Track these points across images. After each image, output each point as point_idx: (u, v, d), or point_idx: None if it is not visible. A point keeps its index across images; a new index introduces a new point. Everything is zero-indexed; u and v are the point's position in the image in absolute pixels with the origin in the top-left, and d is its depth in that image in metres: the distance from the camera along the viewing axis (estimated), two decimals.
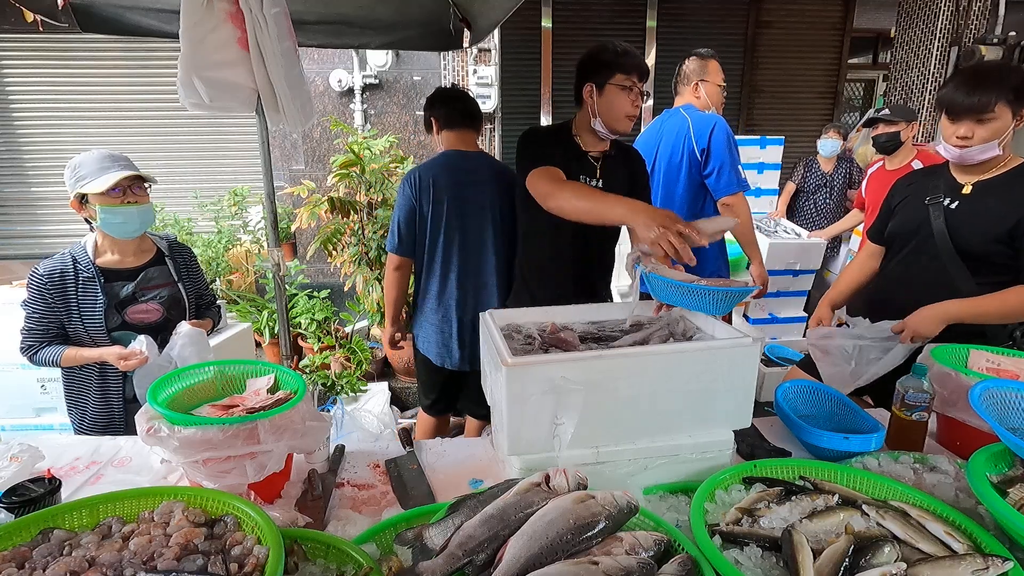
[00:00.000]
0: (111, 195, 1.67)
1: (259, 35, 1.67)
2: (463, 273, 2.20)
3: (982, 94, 1.52)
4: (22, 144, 4.51)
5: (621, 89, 1.73)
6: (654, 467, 1.20)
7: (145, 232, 1.84)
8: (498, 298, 2.21)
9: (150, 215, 1.77)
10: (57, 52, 4.35)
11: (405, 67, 4.41)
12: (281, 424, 1.15)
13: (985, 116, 1.54)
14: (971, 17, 4.09)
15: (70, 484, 1.30)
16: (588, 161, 1.84)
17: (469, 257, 2.19)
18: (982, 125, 1.55)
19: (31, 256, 4.49)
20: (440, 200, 2.13)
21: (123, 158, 1.74)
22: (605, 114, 1.76)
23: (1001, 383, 1.21)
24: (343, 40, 2.72)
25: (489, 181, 2.16)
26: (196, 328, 1.70)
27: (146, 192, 1.76)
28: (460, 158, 2.19)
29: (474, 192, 2.15)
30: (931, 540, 0.92)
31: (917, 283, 1.73)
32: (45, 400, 2.79)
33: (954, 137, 1.60)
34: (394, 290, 2.31)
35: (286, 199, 4.39)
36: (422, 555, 0.87)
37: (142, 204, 1.73)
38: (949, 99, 1.59)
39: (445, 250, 2.18)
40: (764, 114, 5.25)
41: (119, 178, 1.65)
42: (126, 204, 1.70)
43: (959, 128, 1.58)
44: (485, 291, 2.22)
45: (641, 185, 1.95)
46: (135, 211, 1.71)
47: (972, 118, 1.55)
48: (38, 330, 1.71)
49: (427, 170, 2.15)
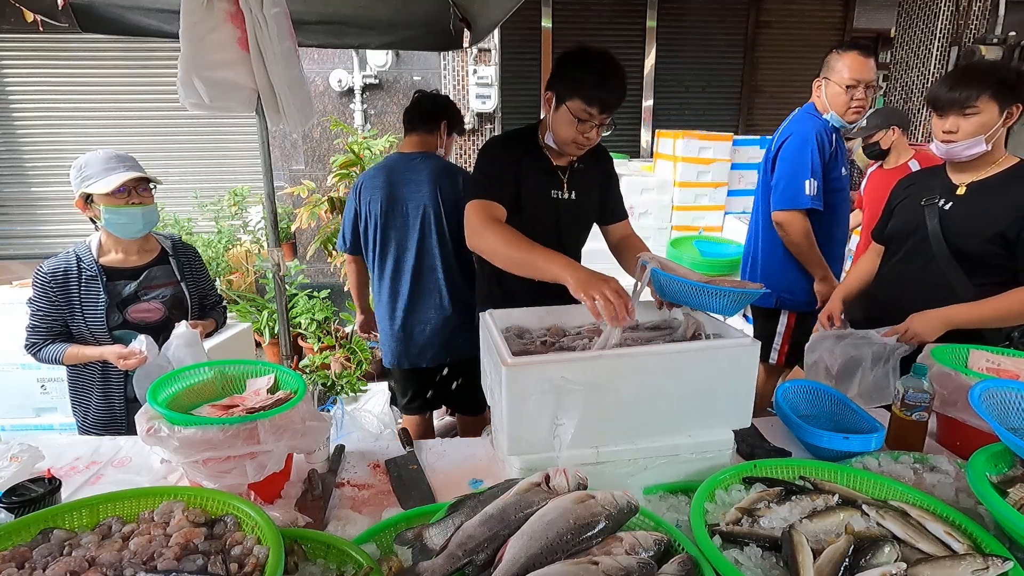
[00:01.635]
0: (116, 196, 1.67)
1: (259, 35, 1.67)
2: (402, 272, 2.25)
3: (964, 88, 1.56)
4: (22, 144, 4.51)
5: (573, 117, 1.53)
6: (654, 467, 1.20)
7: (150, 231, 1.84)
8: (447, 297, 2.23)
9: (154, 216, 1.78)
10: (57, 52, 4.35)
11: (405, 67, 4.41)
12: (281, 424, 1.15)
13: (968, 110, 1.56)
14: (971, 17, 4.09)
15: (70, 484, 1.30)
16: (554, 171, 1.71)
17: (406, 256, 2.24)
18: (966, 119, 1.57)
19: (31, 256, 4.49)
20: (375, 201, 2.21)
21: (129, 158, 1.75)
22: (555, 131, 1.60)
23: (1001, 383, 1.21)
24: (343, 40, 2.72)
25: (427, 181, 2.19)
26: (192, 330, 1.68)
27: (151, 193, 1.77)
28: (400, 160, 2.26)
29: (410, 192, 2.20)
30: (931, 540, 0.92)
31: (914, 284, 1.73)
32: (45, 400, 2.79)
33: (940, 131, 1.62)
34: (353, 280, 2.55)
35: (286, 199, 4.39)
36: (422, 555, 0.87)
37: (147, 205, 1.74)
38: (934, 95, 1.63)
39: (382, 250, 2.27)
40: (764, 114, 5.25)
41: (125, 179, 1.66)
42: (131, 205, 1.70)
43: (945, 123, 1.61)
44: (428, 290, 2.25)
45: (611, 188, 1.85)
46: (139, 212, 1.71)
47: (956, 112, 1.58)
48: (42, 328, 1.72)
49: (367, 174, 2.28)
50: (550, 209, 1.73)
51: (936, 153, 1.68)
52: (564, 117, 1.55)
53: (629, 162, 4.36)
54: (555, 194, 1.72)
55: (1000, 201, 1.59)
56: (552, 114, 1.59)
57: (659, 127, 4.46)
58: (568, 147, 1.61)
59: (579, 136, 1.56)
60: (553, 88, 1.57)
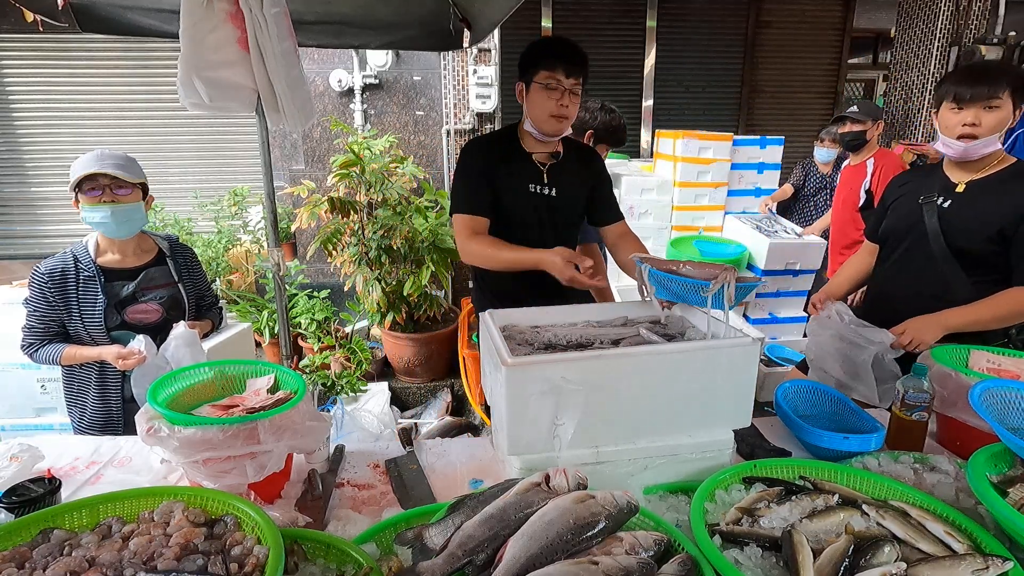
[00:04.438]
0: (91, 194, 1.66)
1: (259, 35, 1.67)
2: None
3: (990, 81, 1.53)
4: (22, 144, 4.50)
5: (543, 88, 1.63)
6: (654, 467, 1.20)
7: (146, 232, 1.84)
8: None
9: (135, 215, 1.73)
10: (57, 52, 4.34)
11: (405, 67, 4.41)
12: (281, 424, 1.16)
13: (993, 102, 1.54)
14: (971, 17, 4.09)
15: (70, 484, 1.30)
16: (534, 166, 1.75)
17: None
18: (989, 112, 1.55)
19: (31, 256, 4.48)
20: None
21: (113, 157, 1.71)
22: (532, 114, 1.69)
23: (1001, 383, 1.22)
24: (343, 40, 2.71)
25: None
26: (190, 330, 1.67)
27: (135, 193, 1.72)
28: None
29: None
30: (931, 540, 0.92)
31: (912, 282, 1.73)
32: (45, 400, 2.79)
33: (959, 126, 1.58)
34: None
35: (286, 199, 4.38)
36: (422, 555, 0.87)
37: (121, 204, 1.69)
38: (954, 88, 1.57)
39: None
40: (764, 114, 5.24)
41: (85, 174, 1.63)
42: (102, 203, 1.67)
43: (966, 115, 1.56)
44: None
45: (602, 189, 1.86)
46: (110, 210, 1.67)
47: (981, 104, 1.54)
48: (39, 328, 1.72)
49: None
50: (530, 204, 1.76)
51: (945, 151, 1.65)
52: (536, 95, 1.66)
53: (629, 162, 4.36)
54: (533, 188, 1.76)
55: (1000, 199, 1.59)
56: (526, 101, 1.70)
57: (659, 127, 4.45)
58: (548, 124, 1.67)
59: (555, 107, 1.64)
60: (522, 77, 1.71)
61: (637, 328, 1.41)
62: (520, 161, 1.76)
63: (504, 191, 1.74)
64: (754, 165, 4.00)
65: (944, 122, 1.62)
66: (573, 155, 1.83)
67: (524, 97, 1.71)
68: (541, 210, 1.77)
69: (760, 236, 3.66)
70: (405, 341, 3.83)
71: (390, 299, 3.73)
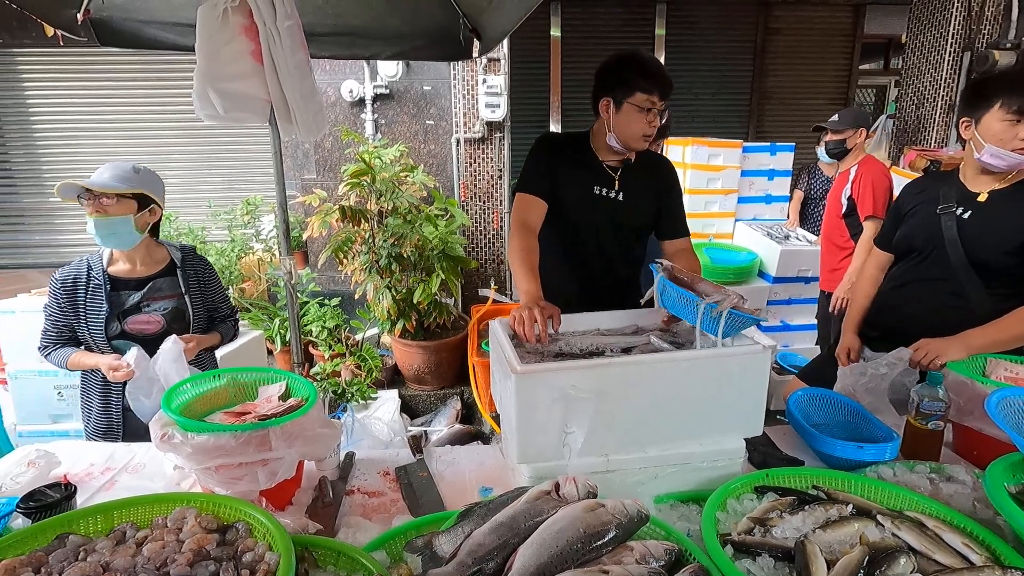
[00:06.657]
0: (83, 206, 1.66)
1: (272, 48, 1.70)
2: None
3: None
4: (41, 155, 4.59)
5: (639, 110, 1.64)
6: (665, 475, 1.20)
7: (161, 242, 1.85)
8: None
9: (120, 228, 1.68)
10: (76, 65, 4.44)
11: (415, 77, 4.45)
12: (292, 431, 1.16)
13: None
14: (984, 22, 4.06)
15: (85, 490, 1.32)
16: (605, 172, 1.78)
17: None
18: None
19: (48, 265, 4.56)
20: None
21: (111, 168, 1.69)
22: (621, 132, 1.70)
23: (1018, 392, 1.20)
24: (354, 51, 2.74)
25: None
26: (175, 346, 1.61)
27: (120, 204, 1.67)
28: None
29: None
30: (948, 551, 0.91)
31: (928, 293, 1.69)
32: (61, 407, 2.83)
33: (1016, 139, 1.48)
34: None
35: (298, 208, 4.43)
36: (432, 563, 0.87)
37: (104, 216, 1.65)
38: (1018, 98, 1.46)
39: None
40: (774, 121, 5.22)
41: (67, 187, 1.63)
42: (90, 215, 1.66)
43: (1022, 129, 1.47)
44: None
45: (671, 200, 1.85)
46: (92, 221, 1.66)
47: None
48: (53, 332, 1.76)
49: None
50: (593, 206, 1.77)
51: (995, 163, 1.55)
52: (629, 115, 1.66)
53: None
54: (599, 190, 1.77)
55: (1022, 211, 1.54)
56: (614, 117, 1.69)
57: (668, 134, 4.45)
58: (637, 142, 1.71)
59: (647, 127, 1.67)
60: (608, 93, 1.69)
61: (648, 336, 1.41)
62: (589, 164, 1.78)
63: (567, 191, 1.76)
64: (764, 172, 3.98)
65: (994, 132, 1.51)
66: (647, 161, 1.85)
67: (609, 112, 1.69)
68: (604, 212, 1.78)
69: (772, 243, 3.65)
70: (415, 349, 3.84)
71: (400, 307, 3.75)
